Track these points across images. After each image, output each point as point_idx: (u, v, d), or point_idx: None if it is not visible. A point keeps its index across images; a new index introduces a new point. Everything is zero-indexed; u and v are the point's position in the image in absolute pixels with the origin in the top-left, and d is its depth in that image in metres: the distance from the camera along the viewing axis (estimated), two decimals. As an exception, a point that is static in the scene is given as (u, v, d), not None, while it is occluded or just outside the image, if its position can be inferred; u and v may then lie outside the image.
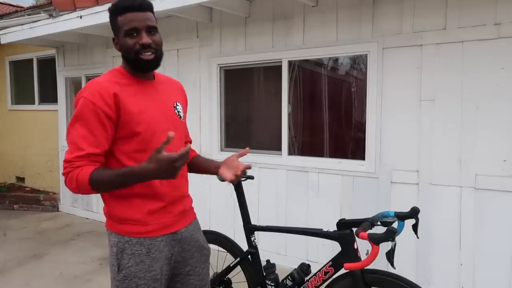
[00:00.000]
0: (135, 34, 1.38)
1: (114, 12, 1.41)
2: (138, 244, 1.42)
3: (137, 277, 1.42)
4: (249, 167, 1.56)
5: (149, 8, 1.43)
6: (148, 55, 1.39)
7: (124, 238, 1.43)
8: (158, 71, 1.57)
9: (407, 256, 2.95)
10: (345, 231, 1.81)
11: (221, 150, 3.98)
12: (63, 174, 1.35)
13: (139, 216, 1.42)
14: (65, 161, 1.34)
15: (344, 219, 1.86)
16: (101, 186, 1.33)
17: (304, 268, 1.99)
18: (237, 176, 1.54)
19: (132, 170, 1.27)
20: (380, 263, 1.68)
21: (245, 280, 2.22)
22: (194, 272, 1.59)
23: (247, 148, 1.58)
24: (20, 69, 6.90)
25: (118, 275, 1.44)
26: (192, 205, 1.67)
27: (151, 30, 1.41)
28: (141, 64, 1.41)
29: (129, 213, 1.42)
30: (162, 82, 1.56)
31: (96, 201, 5.32)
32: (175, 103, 1.55)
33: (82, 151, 1.32)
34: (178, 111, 1.55)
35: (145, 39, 1.38)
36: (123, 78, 1.43)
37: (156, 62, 1.44)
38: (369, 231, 1.59)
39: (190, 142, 1.80)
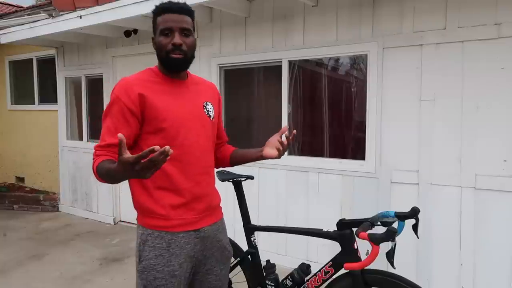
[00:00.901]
0: (169, 34, 1.45)
1: (155, 13, 1.50)
2: (159, 238, 1.47)
3: (155, 270, 1.45)
4: (292, 140, 1.60)
5: (188, 12, 1.49)
6: (177, 55, 1.45)
7: (147, 230, 1.48)
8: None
9: (407, 256, 2.95)
10: (345, 231, 1.81)
11: (221, 150, 3.97)
12: None
13: (162, 211, 1.47)
14: (94, 148, 1.45)
15: (344, 219, 1.86)
16: (103, 177, 1.36)
17: (304, 268, 1.99)
18: (279, 150, 1.60)
19: (113, 169, 1.25)
20: (380, 263, 1.68)
21: (245, 280, 2.22)
22: (212, 271, 1.61)
23: (286, 125, 1.62)
24: (20, 69, 6.90)
25: (139, 266, 1.49)
26: (220, 205, 1.69)
27: (185, 32, 1.47)
28: (170, 62, 1.47)
29: (152, 206, 1.47)
30: (195, 83, 1.63)
31: (95, 201, 5.32)
32: (205, 103, 1.60)
33: (103, 142, 1.42)
34: (208, 110, 1.60)
35: (177, 39, 1.44)
36: (155, 77, 1.51)
37: (185, 62, 1.50)
38: (369, 231, 1.59)
39: (226, 141, 1.87)
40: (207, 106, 1.60)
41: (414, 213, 1.71)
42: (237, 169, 2.11)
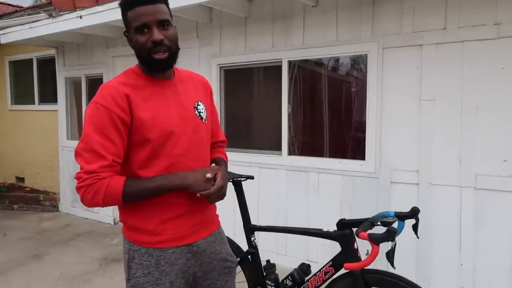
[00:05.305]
0: (146, 30, 1.27)
1: (123, 7, 1.30)
2: (146, 255, 1.34)
3: None
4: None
5: None
6: (160, 54, 1.28)
7: (134, 246, 1.36)
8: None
9: (407, 256, 2.95)
10: (345, 231, 1.81)
11: (221, 150, 3.97)
12: (81, 186, 1.22)
13: (150, 226, 1.34)
14: (86, 172, 1.22)
15: (344, 219, 1.86)
16: (134, 196, 1.27)
17: (304, 268, 1.99)
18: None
19: (173, 180, 1.30)
20: (380, 263, 1.68)
21: (245, 280, 2.22)
22: (215, 285, 1.48)
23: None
24: (20, 69, 6.90)
25: (127, 284, 1.39)
26: (217, 213, 1.56)
27: (163, 24, 1.28)
28: (154, 64, 1.30)
29: (139, 220, 1.34)
30: (183, 80, 1.44)
31: (96, 201, 5.31)
32: (196, 103, 1.42)
33: (106, 160, 1.23)
34: (199, 112, 1.42)
35: (156, 35, 1.26)
36: (138, 80, 1.34)
37: (170, 60, 1.32)
38: (369, 231, 1.59)
39: (223, 141, 1.69)
40: (198, 107, 1.42)
41: (414, 213, 1.71)
42: (237, 169, 2.11)
